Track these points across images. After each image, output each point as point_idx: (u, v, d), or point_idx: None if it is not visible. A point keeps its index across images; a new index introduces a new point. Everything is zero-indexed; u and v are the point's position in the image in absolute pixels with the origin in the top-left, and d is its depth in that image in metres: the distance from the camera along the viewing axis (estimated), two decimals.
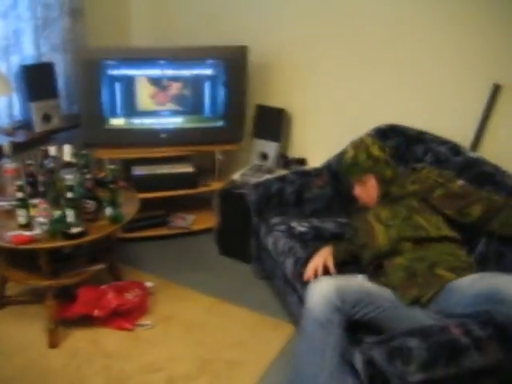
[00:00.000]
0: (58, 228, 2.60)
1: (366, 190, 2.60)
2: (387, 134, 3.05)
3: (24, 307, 3.01)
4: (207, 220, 3.73)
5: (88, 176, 2.73)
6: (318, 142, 3.58)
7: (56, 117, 3.42)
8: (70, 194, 2.60)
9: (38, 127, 3.36)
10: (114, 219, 2.73)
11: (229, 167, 3.74)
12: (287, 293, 2.85)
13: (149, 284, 3.11)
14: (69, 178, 2.71)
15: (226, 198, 3.43)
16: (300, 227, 2.92)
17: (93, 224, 2.71)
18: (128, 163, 3.58)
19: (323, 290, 2.11)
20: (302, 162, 3.61)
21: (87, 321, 2.85)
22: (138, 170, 3.50)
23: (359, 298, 2.12)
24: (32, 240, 2.54)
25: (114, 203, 2.78)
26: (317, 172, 3.20)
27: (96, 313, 2.82)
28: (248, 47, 3.41)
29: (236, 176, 3.52)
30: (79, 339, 2.81)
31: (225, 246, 3.55)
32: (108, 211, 2.74)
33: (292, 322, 2.90)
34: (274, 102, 3.60)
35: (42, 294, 2.82)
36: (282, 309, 3.02)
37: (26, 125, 3.44)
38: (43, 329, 2.80)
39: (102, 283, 2.99)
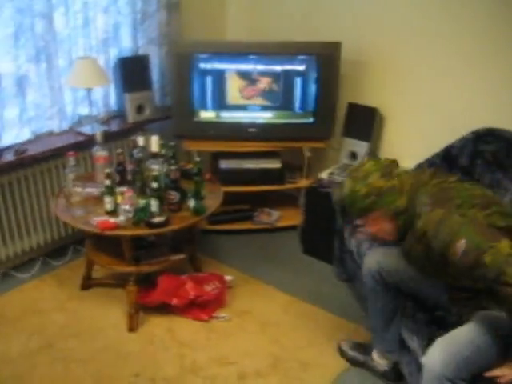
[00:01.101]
0: (142, 216, 2.66)
1: (381, 228, 2.10)
2: (485, 137, 2.85)
3: (108, 290, 3.13)
4: (292, 217, 3.68)
5: (173, 167, 2.77)
6: (410, 142, 3.42)
7: (148, 108, 3.51)
8: (154, 184, 2.66)
9: (131, 118, 3.46)
10: (197, 211, 2.76)
11: (317, 165, 3.67)
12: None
13: (228, 277, 3.11)
14: (155, 168, 2.78)
15: (311, 196, 3.37)
16: None
17: (175, 214, 2.76)
18: (216, 156, 3.61)
19: None
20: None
21: (165, 308, 2.91)
22: (225, 164, 3.51)
23: None
24: (116, 226, 2.62)
25: (197, 195, 2.81)
26: None
27: (174, 301, 2.87)
28: (341, 43, 3.32)
29: (323, 174, 3.45)
30: (156, 326, 2.88)
31: (308, 244, 3.49)
32: (191, 203, 2.77)
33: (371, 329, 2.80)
34: (366, 100, 3.48)
35: (124, 278, 2.91)
36: (362, 314, 2.92)
37: (120, 115, 3.56)
38: (123, 313, 2.89)
39: (182, 273, 3.04)
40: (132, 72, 3.41)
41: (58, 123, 3.28)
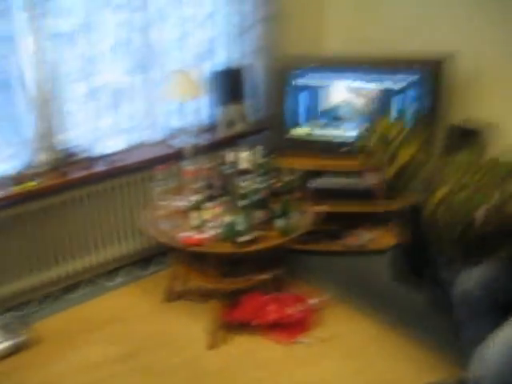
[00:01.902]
0: (228, 234, 2.61)
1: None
2: None
3: (190, 304, 3.10)
4: (384, 240, 3.52)
5: (264, 185, 2.70)
6: None
7: (240, 122, 3.48)
8: (243, 202, 2.61)
9: (222, 131, 3.44)
10: (285, 231, 2.68)
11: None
12: None
13: (313, 301, 3.00)
14: (244, 185, 2.72)
15: (407, 218, 3.19)
16: None
17: (263, 233, 2.68)
18: (305, 173, 3.50)
19: None
20: None
21: (246, 328, 2.84)
22: (317, 182, 3.41)
23: None
24: (201, 243, 2.58)
25: (286, 215, 2.73)
26: None
27: (254, 322, 2.80)
28: (447, 60, 3.14)
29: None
30: (237, 345, 2.81)
31: (400, 271, 3.31)
32: (279, 222, 2.69)
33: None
34: (472, 119, 3.27)
35: (207, 294, 2.87)
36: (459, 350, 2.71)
37: (211, 128, 3.55)
38: (205, 329, 2.84)
39: (266, 292, 2.96)
40: (226, 85, 3.40)
41: (150, 135, 3.31)
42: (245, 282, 2.80)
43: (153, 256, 3.45)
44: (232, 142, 3.50)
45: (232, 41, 3.47)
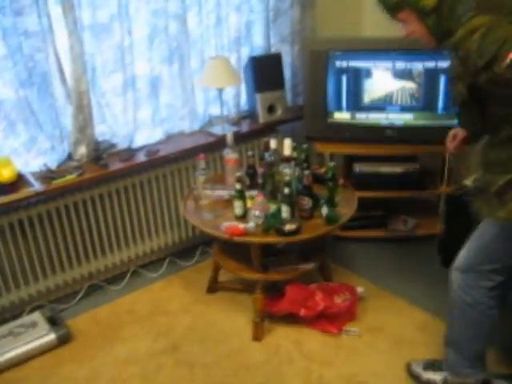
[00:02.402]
0: (272, 223, 2.55)
1: (412, 30, 1.98)
2: None
3: (233, 295, 3.06)
4: (430, 226, 3.41)
5: (307, 172, 2.62)
6: None
7: (280, 108, 3.40)
8: (286, 190, 2.54)
9: (262, 118, 3.37)
10: (330, 219, 2.59)
11: (460, 170, 3.35)
12: None
13: (360, 289, 2.92)
14: (287, 172, 2.65)
15: (453, 204, 3.08)
16: None
17: (307, 222, 2.61)
18: (348, 159, 3.41)
19: None
20: None
21: (292, 318, 2.78)
22: (360, 167, 3.31)
23: None
24: (245, 233, 2.52)
25: (331, 202, 2.66)
26: None
27: (302, 312, 2.73)
28: None
29: (467, 181, 3.13)
30: (282, 336, 2.75)
31: (448, 257, 3.18)
32: (324, 210, 2.61)
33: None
34: None
35: (251, 284, 2.82)
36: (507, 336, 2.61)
37: (251, 115, 3.48)
38: (249, 320, 2.80)
39: (310, 282, 2.90)
40: (264, 71, 3.31)
41: (189, 124, 3.26)
42: (289, 273, 2.74)
43: (196, 246, 3.42)
44: (272, 127, 3.43)
45: (268, 25, 3.38)
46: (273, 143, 2.77)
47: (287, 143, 2.70)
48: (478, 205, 2.10)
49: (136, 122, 3.04)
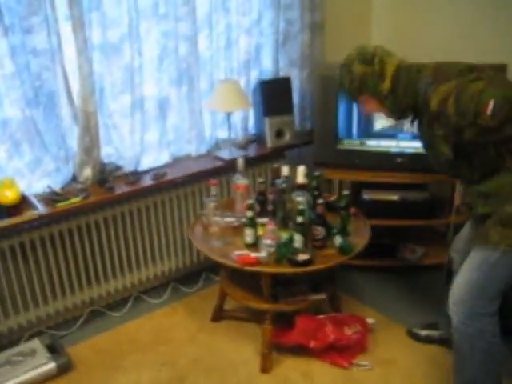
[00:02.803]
0: (285, 253, 2.48)
1: (373, 109, 2.26)
2: None
3: (239, 324, 2.98)
4: (439, 255, 3.34)
5: (320, 200, 2.56)
6: None
7: (288, 133, 3.34)
8: (300, 219, 2.47)
9: (270, 143, 3.31)
10: (344, 250, 2.52)
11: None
12: None
13: (370, 320, 2.85)
14: (300, 200, 2.59)
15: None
16: None
17: (320, 252, 2.54)
18: (357, 186, 3.35)
19: None
20: None
21: (301, 350, 2.71)
22: (368, 195, 3.25)
23: None
24: (257, 262, 2.45)
25: (343, 231, 2.59)
26: None
27: (312, 344, 2.66)
28: (507, 66, 2.97)
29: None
30: (291, 368, 2.67)
31: None
32: (338, 240, 2.54)
33: None
34: None
35: (257, 313, 2.74)
36: None
37: (258, 139, 3.43)
38: (256, 351, 2.72)
39: (319, 312, 2.83)
40: (273, 95, 3.26)
41: (196, 147, 3.20)
42: (300, 303, 2.66)
43: (199, 272, 3.34)
44: (280, 153, 3.37)
45: (278, 49, 3.34)
46: (285, 170, 2.72)
47: (301, 170, 2.64)
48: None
49: (143, 144, 2.98)
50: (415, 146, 3.13)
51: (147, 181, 2.94)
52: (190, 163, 3.16)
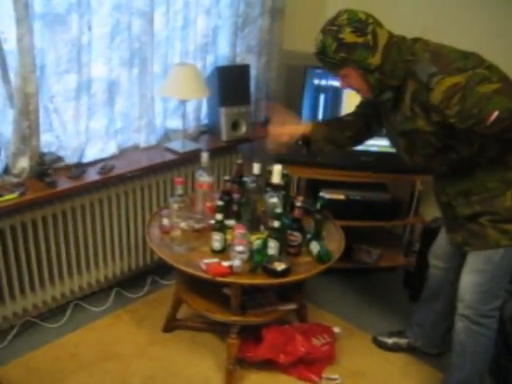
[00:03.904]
0: (259, 261, 2.24)
1: (352, 84, 2.01)
2: None
3: (194, 334, 2.72)
4: (394, 257, 3.26)
5: (298, 203, 2.33)
6: None
7: (245, 125, 3.08)
8: (277, 224, 2.24)
9: (226, 135, 3.04)
10: (321, 257, 2.32)
11: (428, 201, 3.22)
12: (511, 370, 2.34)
13: (336, 330, 2.67)
14: (275, 202, 2.35)
15: (428, 237, 2.93)
16: None
17: (294, 259, 2.33)
18: (313, 185, 3.16)
19: None
20: None
21: (267, 364, 2.49)
22: (327, 194, 3.06)
23: None
24: (230, 272, 2.19)
25: (318, 237, 2.39)
26: None
27: (282, 359, 2.45)
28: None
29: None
30: None
31: (418, 291, 3.05)
32: (315, 247, 2.34)
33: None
34: None
35: (216, 323, 2.48)
36: None
37: (210, 131, 3.15)
38: (217, 365, 2.50)
39: (285, 322, 2.63)
40: (230, 83, 2.98)
41: (145, 137, 2.86)
42: (269, 315, 2.43)
43: (145, 276, 3.02)
44: (234, 147, 3.11)
45: (236, 33, 3.06)
46: (256, 167, 2.46)
47: (277, 169, 2.40)
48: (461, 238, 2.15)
49: (88, 132, 2.61)
50: (381, 144, 3.00)
51: (93, 175, 2.58)
52: (139, 155, 2.82)
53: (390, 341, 2.71)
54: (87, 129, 2.60)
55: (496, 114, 1.72)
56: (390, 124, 2.12)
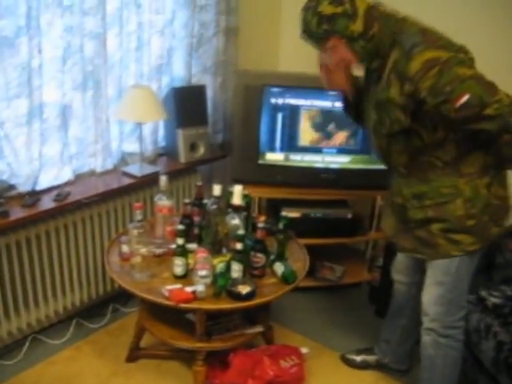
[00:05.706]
0: (223, 284, 2.19)
1: (341, 58, 1.97)
2: None
3: (158, 362, 2.63)
4: (358, 273, 3.26)
5: (260, 224, 2.30)
6: None
7: (203, 146, 3.05)
8: (239, 245, 2.20)
9: (184, 157, 2.99)
10: (286, 278, 2.29)
11: None
12: (478, 381, 2.34)
13: (304, 350, 2.63)
14: (237, 224, 2.32)
15: (391, 251, 2.93)
16: (492, 298, 2.42)
17: (259, 281, 2.29)
18: (274, 204, 3.13)
19: None
20: None
21: None
22: (288, 213, 3.03)
23: None
24: (194, 298, 2.14)
25: (282, 257, 2.37)
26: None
27: None
28: None
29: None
30: None
31: (383, 306, 3.05)
32: (279, 267, 2.31)
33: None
34: None
35: (182, 350, 2.41)
36: None
37: (168, 153, 3.10)
38: None
39: (251, 345, 2.57)
40: (187, 104, 2.95)
41: (101, 162, 2.79)
42: (236, 339, 2.38)
43: (105, 304, 2.92)
44: (193, 169, 3.07)
45: (191, 53, 3.03)
46: (216, 189, 2.43)
47: (238, 190, 2.37)
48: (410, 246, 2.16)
49: (41, 158, 2.52)
50: (340, 161, 3.01)
51: (48, 202, 2.49)
52: (96, 180, 2.75)
53: (358, 358, 2.69)
54: (40, 155, 2.51)
55: (466, 97, 1.75)
56: (369, 100, 2.09)
